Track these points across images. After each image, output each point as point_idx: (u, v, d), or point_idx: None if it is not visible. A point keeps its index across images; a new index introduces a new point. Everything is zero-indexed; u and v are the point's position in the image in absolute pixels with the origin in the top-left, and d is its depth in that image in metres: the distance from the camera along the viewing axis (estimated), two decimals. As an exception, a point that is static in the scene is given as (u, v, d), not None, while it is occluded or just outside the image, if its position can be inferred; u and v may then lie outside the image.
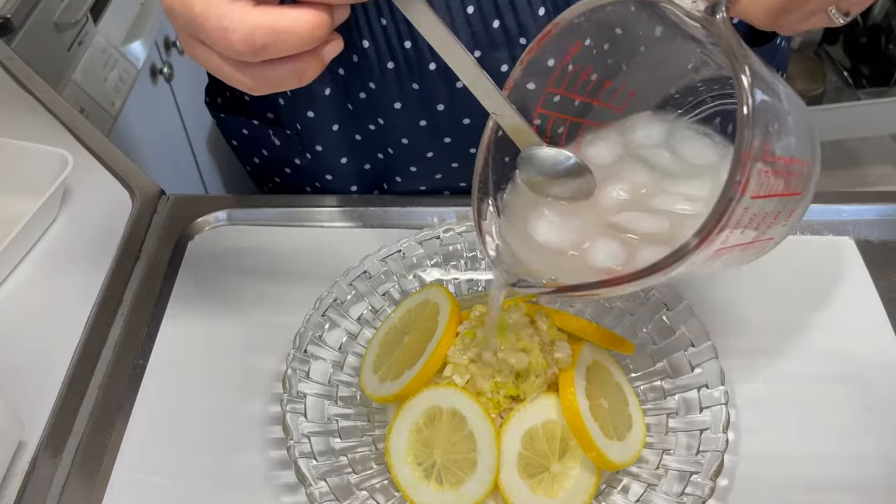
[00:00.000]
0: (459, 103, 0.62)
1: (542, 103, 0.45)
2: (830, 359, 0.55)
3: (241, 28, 0.37)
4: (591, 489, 0.46)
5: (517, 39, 0.59)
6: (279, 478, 0.50)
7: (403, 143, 0.67)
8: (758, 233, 0.38)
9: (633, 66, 0.44)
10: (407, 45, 0.59)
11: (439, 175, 0.70)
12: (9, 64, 0.79)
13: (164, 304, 0.60)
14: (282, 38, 0.37)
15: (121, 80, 1.17)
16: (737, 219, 0.34)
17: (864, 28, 1.50)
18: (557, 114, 0.46)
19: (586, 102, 0.46)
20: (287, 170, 0.75)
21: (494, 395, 0.48)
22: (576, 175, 0.44)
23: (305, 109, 0.66)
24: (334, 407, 0.51)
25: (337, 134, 0.68)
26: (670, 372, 0.52)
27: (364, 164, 0.71)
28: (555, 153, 0.44)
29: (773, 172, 0.35)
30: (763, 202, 0.36)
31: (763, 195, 0.35)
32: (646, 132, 0.46)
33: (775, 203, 0.37)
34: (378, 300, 0.57)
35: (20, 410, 0.51)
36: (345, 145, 0.69)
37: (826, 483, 0.49)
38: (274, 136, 0.71)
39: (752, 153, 0.32)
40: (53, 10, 1.03)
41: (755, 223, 0.37)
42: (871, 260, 0.61)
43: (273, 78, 0.40)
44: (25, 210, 0.61)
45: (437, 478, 0.47)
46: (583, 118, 0.47)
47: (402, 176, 0.71)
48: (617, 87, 0.45)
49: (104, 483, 0.50)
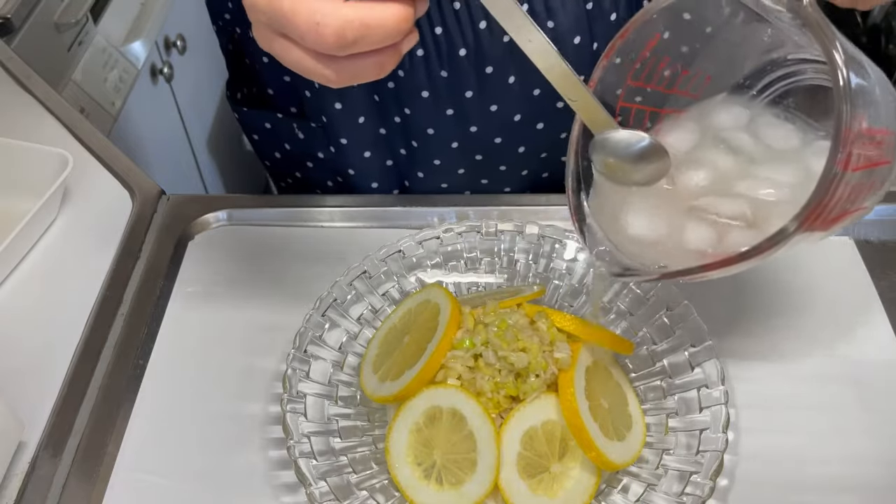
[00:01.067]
0: (487, 90, 0.63)
1: (622, 97, 0.46)
2: (830, 359, 0.55)
3: (334, 23, 0.37)
4: (591, 489, 0.46)
5: (545, 23, 0.61)
6: (279, 478, 0.50)
7: (429, 133, 0.67)
8: (855, 204, 0.39)
9: (707, 52, 0.45)
10: (437, 32, 0.60)
11: (462, 170, 0.71)
12: (9, 64, 0.79)
13: (164, 304, 0.60)
14: (371, 32, 0.38)
15: (121, 80, 1.17)
16: (840, 195, 0.35)
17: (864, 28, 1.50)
18: (638, 105, 0.47)
19: (665, 92, 0.47)
20: (309, 164, 0.75)
21: (494, 395, 0.48)
22: (651, 156, 0.44)
23: (333, 101, 0.67)
24: (334, 407, 0.51)
25: (362, 126, 0.68)
26: (670, 372, 0.52)
27: (386, 160, 0.71)
28: (629, 135, 0.44)
29: (868, 144, 0.36)
30: (861, 174, 0.36)
31: (860, 167, 0.36)
32: (725, 116, 0.46)
33: (869, 174, 0.38)
34: (378, 300, 0.57)
35: (20, 410, 0.51)
36: (369, 139, 0.69)
37: (826, 483, 0.49)
38: (298, 130, 0.72)
39: (851, 130, 0.33)
40: (53, 10, 1.03)
41: (853, 196, 0.37)
42: (871, 260, 0.61)
43: (355, 70, 0.41)
44: (25, 210, 0.61)
45: (437, 478, 0.47)
46: (662, 108, 0.47)
47: (424, 171, 0.71)
48: (693, 74, 0.46)
49: (104, 483, 0.50)
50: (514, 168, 0.71)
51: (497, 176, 0.72)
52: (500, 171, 0.71)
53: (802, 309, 0.58)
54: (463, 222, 0.60)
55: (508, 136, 0.68)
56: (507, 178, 0.72)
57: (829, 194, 0.34)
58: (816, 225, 0.37)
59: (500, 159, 0.70)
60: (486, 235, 0.59)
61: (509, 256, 0.59)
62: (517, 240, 0.59)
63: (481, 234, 0.59)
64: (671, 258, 0.43)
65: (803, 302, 0.58)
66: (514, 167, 0.71)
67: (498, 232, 0.59)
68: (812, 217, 0.35)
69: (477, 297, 0.57)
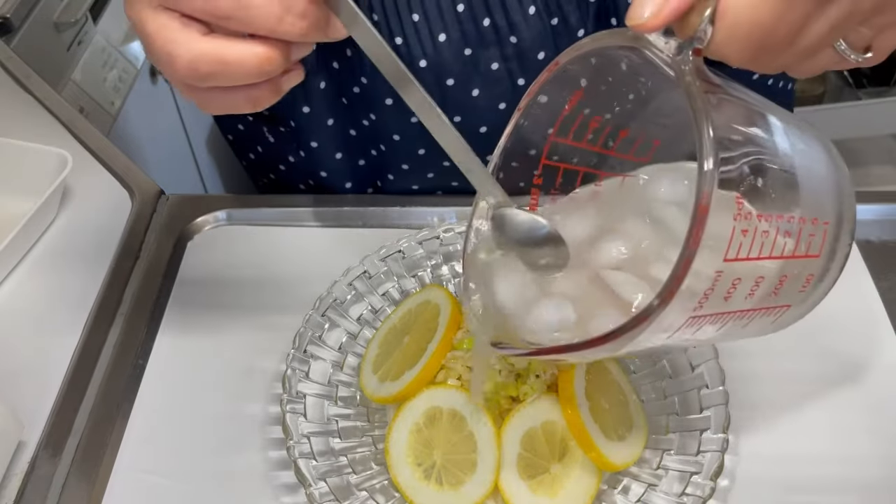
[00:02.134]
0: (450, 103, 0.62)
1: (546, 154, 0.43)
2: (831, 359, 0.55)
3: (186, 55, 0.37)
4: (591, 490, 0.46)
5: (508, 38, 0.59)
6: (279, 478, 0.50)
7: (395, 139, 0.67)
8: (756, 300, 0.35)
9: (647, 114, 0.41)
10: (398, 42, 0.59)
11: (431, 174, 0.70)
12: (8, 64, 0.79)
13: (164, 304, 0.60)
14: (228, 69, 0.38)
15: (120, 79, 1.17)
16: (702, 283, 0.31)
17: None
18: (567, 165, 0.43)
19: (600, 153, 0.43)
20: (281, 167, 0.75)
21: (494, 395, 0.48)
22: (549, 244, 0.41)
23: (301, 105, 0.66)
24: (334, 407, 0.51)
25: (332, 129, 0.68)
26: (670, 372, 0.52)
27: (358, 160, 0.71)
28: (529, 219, 0.41)
29: (758, 232, 0.33)
30: (751, 265, 0.33)
31: (744, 258, 0.33)
32: (657, 187, 0.42)
33: (774, 265, 0.35)
34: (378, 300, 0.57)
35: (20, 410, 0.51)
36: (339, 141, 0.69)
37: (826, 483, 0.49)
38: (268, 133, 0.71)
39: (706, 210, 0.30)
40: (53, 10, 1.03)
41: (745, 289, 0.34)
42: (872, 260, 0.61)
43: (223, 102, 0.40)
44: (25, 210, 0.60)
45: (437, 478, 0.47)
46: (598, 170, 0.44)
47: (394, 174, 0.71)
48: (635, 137, 0.42)
49: (104, 483, 0.50)
50: None
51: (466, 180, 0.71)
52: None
53: (803, 309, 0.58)
54: (463, 222, 0.60)
55: (475, 147, 0.67)
56: None
57: (682, 275, 0.30)
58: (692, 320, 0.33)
59: None
60: (486, 235, 0.59)
61: (509, 256, 0.59)
62: (517, 240, 0.59)
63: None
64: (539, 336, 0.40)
65: (803, 302, 0.58)
66: None
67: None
68: (667, 296, 0.31)
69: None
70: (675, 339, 0.35)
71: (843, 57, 0.37)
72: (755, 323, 0.38)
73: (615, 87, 0.40)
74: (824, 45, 0.35)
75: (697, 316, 0.34)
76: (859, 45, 0.37)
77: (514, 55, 0.60)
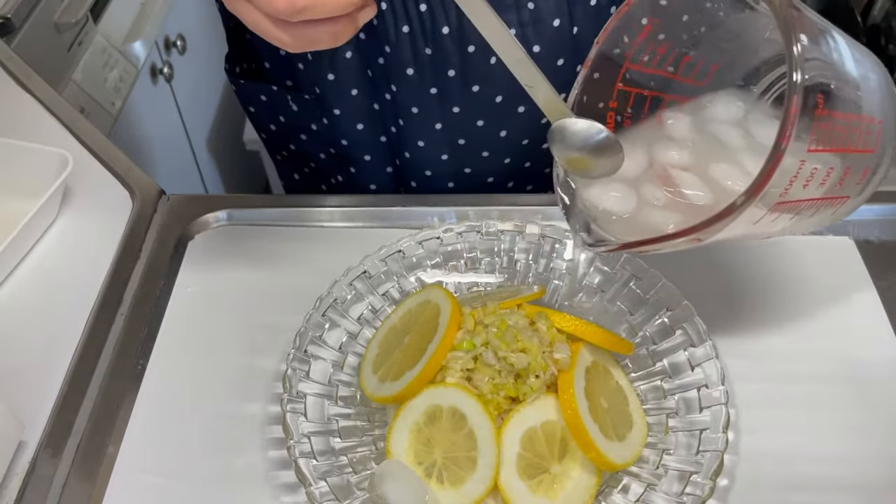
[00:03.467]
0: (470, 70, 0.64)
1: (620, 79, 0.46)
2: (830, 359, 0.55)
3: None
4: (591, 490, 0.46)
5: (526, 4, 0.61)
6: (279, 478, 0.50)
7: (413, 112, 0.68)
8: (826, 188, 0.39)
9: (710, 40, 0.45)
10: (422, 8, 0.61)
11: (445, 155, 0.71)
12: (9, 64, 0.79)
13: (164, 304, 0.60)
14: (321, 2, 0.40)
15: (121, 80, 1.17)
16: (791, 170, 0.35)
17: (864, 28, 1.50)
18: (637, 89, 0.47)
19: (666, 77, 0.46)
20: (303, 136, 0.76)
21: (494, 396, 0.48)
22: (606, 150, 0.44)
23: (326, 72, 0.67)
24: (334, 407, 0.51)
25: (355, 99, 0.69)
26: (670, 372, 0.52)
27: (380, 136, 0.72)
28: (587, 126, 0.44)
29: (834, 128, 0.36)
30: (827, 156, 0.37)
31: (822, 149, 0.36)
32: (719, 109, 0.46)
33: (840, 158, 0.38)
34: (378, 300, 0.57)
35: (20, 410, 0.51)
36: (362, 112, 0.70)
37: (826, 483, 0.49)
38: (292, 102, 0.73)
39: (797, 109, 0.34)
40: (53, 10, 1.03)
41: (819, 177, 0.38)
42: (871, 260, 0.61)
43: (310, 37, 0.42)
44: (26, 210, 0.60)
45: (438, 477, 0.47)
46: (664, 93, 0.47)
47: (411, 152, 0.72)
48: (696, 62, 0.46)
49: (104, 483, 0.50)
50: (497, 155, 0.72)
51: (480, 164, 0.72)
52: (482, 157, 0.72)
53: (803, 309, 0.58)
54: (463, 222, 0.60)
55: (490, 119, 0.69)
56: (489, 166, 0.73)
57: (774, 169, 0.35)
58: (777, 206, 0.37)
59: (483, 144, 0.71)
60: (486, 235, 0.59)
61: (509, 256, 0.59)
62: (517, 240, 0.59)
63: (481, 234, 0.59)
64: (636, 233, 0.44)
65: (804, 302, 0.58)
66: (496, 154, 0.72)
67: (498, 232, 0.59)
68: (757, 191, 0.35)
69: (477, 297, 0.57)
70: (757, 227, 0.39)
71: None
72: (821, 213, 0.42)
73: (682, 14, 0.44)
74: None
75: (782, 202, 0.38)
76: None
77: (530, 21, 0.62)
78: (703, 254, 0.62)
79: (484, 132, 0.69)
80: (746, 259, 0.61)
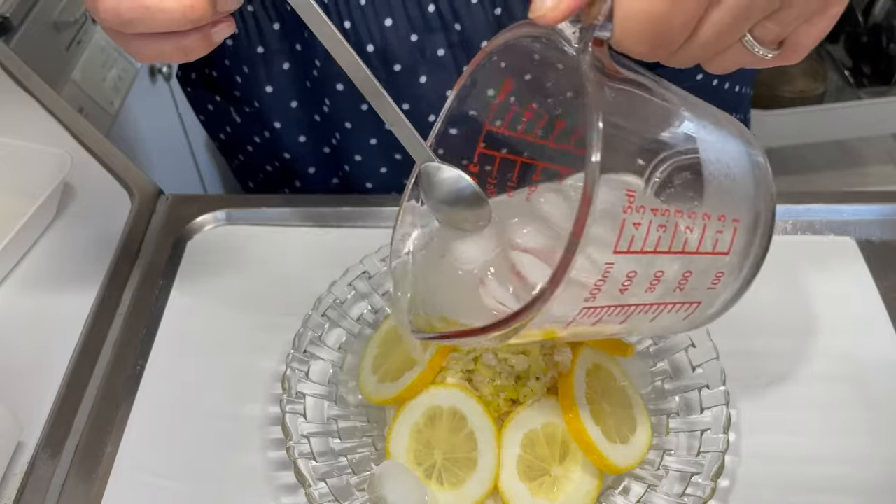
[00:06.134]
0: (399, 87, 0.62)
1: (482, 140, 0.42)
2: (831, 359, 0.55)
3: (109, 2, 0.38)
4: (592, 492, 0.46)
5: (452, 24, 0.59)
6: (279, 478, 0.50)
7: (348, 127, 0.67)
8: (658, 294, 0.34)
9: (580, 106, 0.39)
10: (346, 26, 0.60)
11: (384, 168, 0.70)
12: (8, 63, 0.79)
13: (164, 304, 0.60)
14: (149, 15, 0.38)
15: (120, 79, 1.17)
16: (593, 272, 0.31)
17: (865, 27, 1.50)
18: (505, 154, 0.43)
19: (538, 143, 0.42)
20: (249, 147, 0.75)
21: (494, 398, 0.48)
22: (472, 203, 0.41)
23: (264, 84, 0.66)
24: (334, 407, 0.51)
25: (295, 111, 0.68)
26: (671, 373, 0.52)
27: (323, 147, 0.71)
28: (455, 176, 0.41)
29: (652, 226, 0.32)
30: (649, 258, 0.33)
31: (636, 251, 0.32)
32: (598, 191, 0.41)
33: (673, 261, 0.34)
34: (378, 300, 0.57)
35: (19, 410, 0.51)
36: (304, 124, 0.69)
37: (827, 483, 0.49)
38: (235, 113, 0.72)
39: (588, 205, 0.29)
40: (52, 10, 1.02)
41: (642, 281, 0.33)
42: (872, 260, 0.61)
43: (152, 51, 0.40)
44: (24, 210, 0.60)
45: (438, 478, 0.47)
46: (537, 160, 0.43)
47: (350, 165, 0.71)
48: (570, 130, 0.41)
49: (103, 483, 0.50)
50: None
51: None
52: None
53: (804, 309, 0.58)
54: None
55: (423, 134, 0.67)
56: None
57: (562, 277, 0.30)
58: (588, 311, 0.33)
59: None
60: (486, 235, 0.59)
61: (509, 256, 0.59)
62: (517, 240, 0.59)
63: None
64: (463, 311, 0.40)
65: (804, 302, 0.58)
66: None
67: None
68: (554, 284, 0.30)
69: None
70: (577, 328, 0.35)
71: (753, 53, 0.36)
72: (664, 318, 0.37)
73: (543, 77, 0.40)
74: (728, 39, 0.35)
75: (592, 307, 0.33)
76: (768, 40, 0.36)
77: (459, 42, 0.61)
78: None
79: None
80: (747, 259, 0.61)
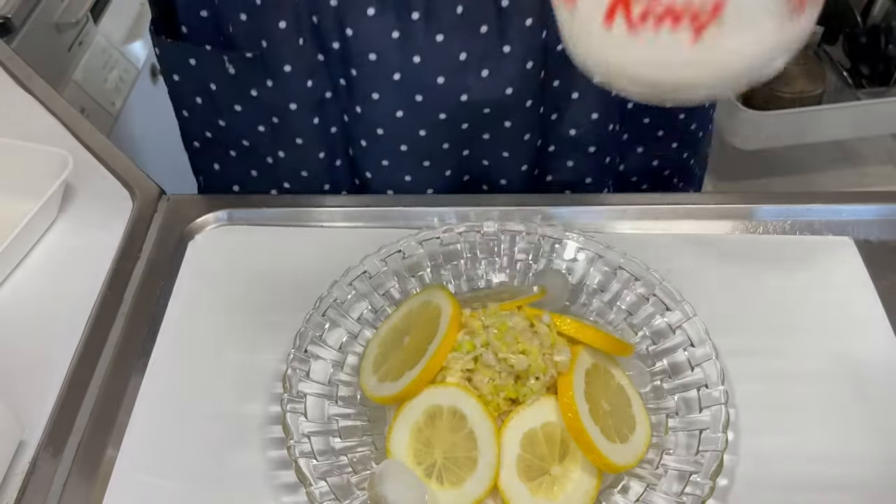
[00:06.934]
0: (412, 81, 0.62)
1: None
2: (830, 359, 0.55)
3: None
4: (592, 492, 0.46)
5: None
6: (279, 478, 0.50)
7: (357, 112, 0.66)
8: None
9: None
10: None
11: (386, 161, 0.70)
12: (9, 64, 0.79)
13: (165, 304, 0.60)
14: None
15: (121, 79, 1.17)
16: None
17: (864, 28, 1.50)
18: None
19: None
20: (237, 107, 0.68)
21: (494, 397, 0.48)
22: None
23: (277, 20, 0.61)
24: (334, 407, 0.51)
25: (303, 50, 0.63)
26: (670, 372, 0.52)
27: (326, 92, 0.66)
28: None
29: None
30: None
31: None
32: None
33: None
34: (378, 300, 0.57)
35: (21, 410, 0.51)
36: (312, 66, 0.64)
37: (825, 482, 0.49)
38: (229, 63, 0.65)
39: None
40: (54, 11, 1.03)
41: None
42: (871, 260, 0.61)
43: None
44: (26, 210, 0.61)
45: (438, 477, 0.47)
46: None
47: (354, 150, 0.70)
48: None
49: (104, 483, 0.50)
50: (438, 165, 0.70)
51: (420, 173, 0.70)
52: (423, 167, 0.70)
53: (802, 309, 0.58)
54: (463, 222, 0.60)
55: (433, 131, 0.67)
56: (430, 176, 0.70)
57: None
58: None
59: (424, 154, 0.69)
60: (486, 235, 0.59)
61: (509, 256, 0.59)
62: (517, 240, 0.59)
63: (481, 234, 0.59)
64: None
65: (803, 302, 0.58)
66: (437, 164, 0.70)
67: (498, 232, 0.59)
68: None
69: (476, 297, 0.57)
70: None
71: None
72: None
73: None
74: None
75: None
76: None
77: None
78: (703, 254, 0.62)
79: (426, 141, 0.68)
80: (746, 259, 0.61)
